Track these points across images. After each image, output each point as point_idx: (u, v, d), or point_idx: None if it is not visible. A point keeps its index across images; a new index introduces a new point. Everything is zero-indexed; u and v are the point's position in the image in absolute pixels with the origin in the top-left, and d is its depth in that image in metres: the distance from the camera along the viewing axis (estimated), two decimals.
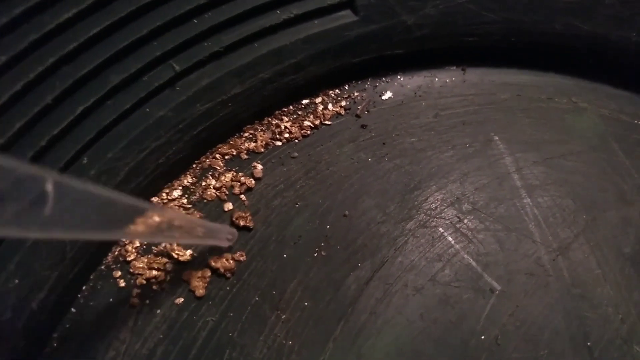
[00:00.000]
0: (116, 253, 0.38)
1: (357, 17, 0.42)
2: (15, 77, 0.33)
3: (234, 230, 0.37)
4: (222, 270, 0.37)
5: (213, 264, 0.37)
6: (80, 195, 0.22)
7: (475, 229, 0.39)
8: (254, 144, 0.42)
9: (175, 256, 0.37)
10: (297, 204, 0.40)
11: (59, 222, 0.20)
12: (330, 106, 0.44)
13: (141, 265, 0.37)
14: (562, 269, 0.37)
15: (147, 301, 0.36)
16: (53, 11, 0.34)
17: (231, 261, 0.37)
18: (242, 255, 0.37)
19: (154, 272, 0.37)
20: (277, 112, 0.44)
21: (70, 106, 0.35)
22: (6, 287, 0.32)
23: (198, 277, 0.36)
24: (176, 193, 0.40)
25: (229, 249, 0.38)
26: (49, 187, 0.19)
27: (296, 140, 0.43)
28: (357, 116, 0.44)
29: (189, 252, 0.38)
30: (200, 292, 0.36)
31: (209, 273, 0.37)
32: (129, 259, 0.37)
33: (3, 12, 0.32)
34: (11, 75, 0.33)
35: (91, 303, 0.36)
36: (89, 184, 0.22)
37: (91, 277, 0.37)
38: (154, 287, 0.37)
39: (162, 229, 0.29)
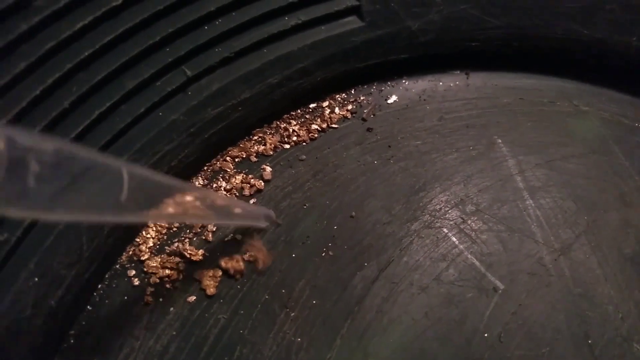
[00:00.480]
0: (130, 253, 0.39)
1: (363, 23, 0.43)
2: (33, 83, 0.34)
3: (271, 212, 0.38)
4: (232, 271, 0.38)
5: (224, 264, 0.38)
6: (137, 180, 0.23)
7: (478, 229, 0.40)
8: (263, 147, 0.43)
9: (188, 256, 0.38)
10: (305, 206, 0.41)
11: (126, 206, 0.22)
12: (337, 110, 0.45)
13: (155, 265, 0.38)
14: (563, 269, 0.38)
15: (161, 299, 0.37)
16: (69, 19, 0.35)
17: (241, 263, 0.38)
18: (251, 256, 0.38)
19: (167, 272, 0.38)
20: (286, 115, 0.45)
21: (87, 110, 0.36)
22: (26, 285, 0.33)
23: (209, 277, 0.38)
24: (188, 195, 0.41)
25: (266, 230, 0.39)
26: (125, 174, 0.21)
27: (304, 143, 0.44)
28: (363, 119, 0.45)
29: (200, 251, 0.39)
30: (211, 290, 0.37)
31: (219, 273, 0.38)
32: (142, 258, 0.38)
33: (22, 20, 0.33)
34: (30, 80, 0.34)
35: (106, 301, 0.37)
36: (138, 167, 0.23)
37: (106, 276, 0.38)
38: (167, 285, 0.38)
39: (202, 209, 0.30)
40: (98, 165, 0.20)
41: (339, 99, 0.46)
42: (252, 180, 0.42)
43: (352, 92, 0.46)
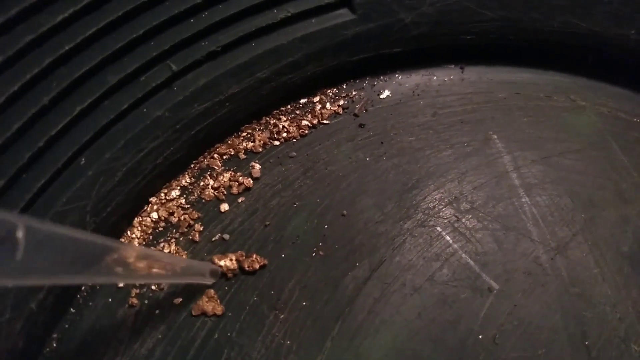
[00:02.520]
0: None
1: (355, 15, 0.42)
2: (11, 78, 0.33)
3: (217, 268, 0.36)
4: (224, 269, 0.37)
5: (216, 260, 0.37)
6: (51, 238, 0.21)
7: (473, 228, 0.39)
8: (252, 144, 0.42)
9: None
10: (295, 204, 0.40)
11: (31, 268, 0.20)
12: (328, 105, 0.44)
13: (141, 266, 0.37)
14: (560, 268, 0.37)
15: (146, 301, 0.36)
16: (49, 11, 0.34)
17: (234, 262, 0.37)
18: (242, 255, 0.37)
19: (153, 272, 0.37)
20: (275, 111, 0.44)
21: (68, 107, 0.35)
22: (5, 287, 0.32)
23: (207, 301, 0.36)
24: (174, 193, 0.40)
25: (212, 286, 0.37)
26: (20, 233, 0.19)
27: (294, 140, 0.43)
28: (355, 115, 0.44)
29: (186, 252, 0.38)
30: (218, 309, 0.36)
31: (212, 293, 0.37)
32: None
33: None
34: (8, 76, 0.33)
35: (90, 303, 0.36)
36: (58, 226, 0.22)
37: None
38: (153, 287, 0.37)
39: (141, 270, 0.28)
40: None
41: (330, 94, 0.45)
42: (240, 178, 0.41)
43: (344, 87, 0.45)
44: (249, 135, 0.43)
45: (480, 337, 0.35)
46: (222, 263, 0.36)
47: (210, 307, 0.36)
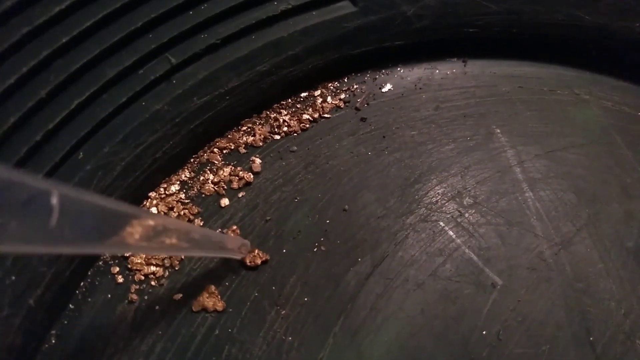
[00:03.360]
0: None
1: (356, 7, 0.41)
2: (8, 71, 0.32)
3: (247, 242, 0.36)
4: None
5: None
6: (84, 207, 0.21)
7: (476, 223, 0.38)
8: (252, 138, 0.42)
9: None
10: (296, 199, 0.39)
11: (63, 235, 0.19)
12: (329, 99, 0.44)
13: (139, 261, 0.37)
14: (564, 264, 0.37)
15: (146, 297, 0.36)
16: (45, 3, 0.33)
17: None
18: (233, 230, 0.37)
19: (153, 268, 0.36)
20: (276, 105, 0.43)
21: (65, 100, 0.34)
22: (3, 283, 0.32)
23: (207, 296, 0.36)
24: (174, 188, 0.40)
25: (243, 261, 0.37)
26: (54, 199, 0.18)
27: (295, 134, 0.42)
28: (357, 109, 0.43)
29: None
30: (219, 305, 0.36)
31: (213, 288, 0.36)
32: (127, 254, 0.37)
33: None
34: (4, 69, 0.32)
35: (89, 299, 0.36)
36: (92, 194, 0.21)
37: (89, 273, 0.37)
38: (153, 283, 0.36)
39: (173, 242, 0.28)
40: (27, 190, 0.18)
41: (332, 87, 0.44)
42: (240, 172, 0.40)
43: (345, 80, 0.45)
44: (249, 130, 0.42)
45: (484, 332, 0.35)
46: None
47: (211, 302, 0.35)
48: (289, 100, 0.44)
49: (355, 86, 0.45)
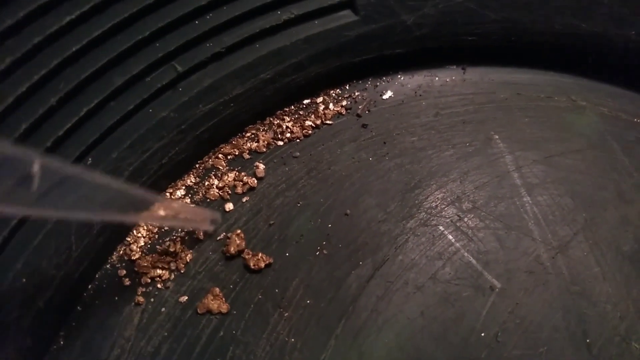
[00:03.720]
0: (121, 252, 0.38)
1: (357, 16, 0.42)
2: (19, 79, 0.33)
3: (218, 215, 0.38)
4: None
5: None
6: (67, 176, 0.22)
7: (475, 227, 0.39)
8: (256, 144, 0.42)
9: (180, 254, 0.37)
10: (298, 203, 0.40)
11: (47, 202, 0.21)
12: (331, 106, 0.45)
13: (146, 264, 0.37)
14: (561, 267, 0.38)
15: (152, 299, 0.37)
16: (56, 13, 0.34)
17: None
18: (248, 253, 0.38)
19: (159, 271, 0.37)
20: (279, 112, 0.44)
21: (74, 107, 0.35)
22: (13, 286, 0.32)
23: (212, 299, 0.37)
24: (179, 193, 0.40)
25: (213, 233, 0.38)
26: (36, 167, 0.20)
27: (298, 140, 0.43)
28: (358, 116, 0.44)
29: (191, 251, 0.38)
30: (224, 307, 0.36)
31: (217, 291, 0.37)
32: (133, 258, 0.38)
33: (7, 14, 0.32)
34: (16, 77, 0.33)
35: (97, 302, 0.37)
36: (75, 167, 0.23)
37: (97, 276, 0.38)
38: (159, 285, 0.37)
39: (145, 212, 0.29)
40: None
41: (333, 94, 0.45)
42: (244, 177, 0.41)
43: (347, 87, 0.46)
44: (253, 136, 0.43)
45: (483, 335, 0.35)
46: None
47: (216, 305, 0.36)
48: (292, 107, 0.44)
49: (356, 93, 0.45)
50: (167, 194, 0.40)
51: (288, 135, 0.43)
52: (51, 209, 0.22)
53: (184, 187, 0.41)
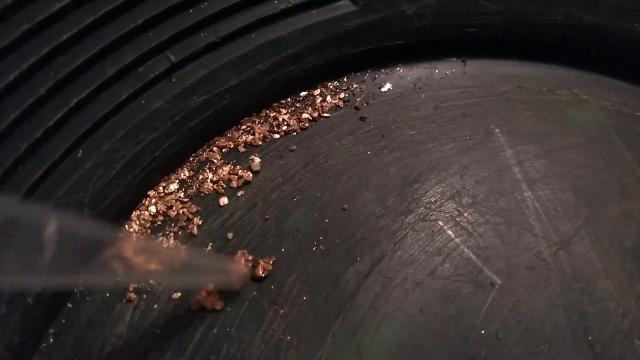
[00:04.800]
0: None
1: (356, 7, 0.41)
2: (8, 68, 0.32)
3: (245, 272, 0.35)
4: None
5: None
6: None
7: (475, 222, 0.39)
8: (251, 137, 0.42)
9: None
10: (295, 198, 0.39)
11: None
12: (328, 98, 0.44)
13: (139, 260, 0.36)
14: (563, 263, 0.37)
15: (144, 296, 0.36)
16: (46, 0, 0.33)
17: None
18: (243, 254, 0.37)
19: (152, 267, 0.36)
20: (275, 104, 0.43)
21: (65, 98, 0.34)
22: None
23: (206, 295, 0.36)
24: (173, 186, 0.40)
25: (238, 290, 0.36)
26: (52, 228, 0.17)
27: (294, 133, 0.42)
28: (356, 108, 0.43)
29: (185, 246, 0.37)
30: (218, 304, 0.35)
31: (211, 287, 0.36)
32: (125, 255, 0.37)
33: None
34: (4, 65, 0.32)
35: (87, 298, 0.36)
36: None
37: None
38: (151, 281, 0.36)
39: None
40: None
41: (331, 86, 0.44)
42: (240, 171, 0.40)
43: (345, 79, 0.45)
44: (248, 128, 0.42)
45: (483, 332, 0.35)
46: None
47: (210, 301, 0.35)
48: (289, 99, 0.44)
49: (354, 85, 0.45)
50: (161, 187, 0.39)
51: (284, 128, 0.42)
52: None
53: (177, 181, 0.40)
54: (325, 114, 0.43)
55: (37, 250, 0.17)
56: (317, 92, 0.44)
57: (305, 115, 0.43)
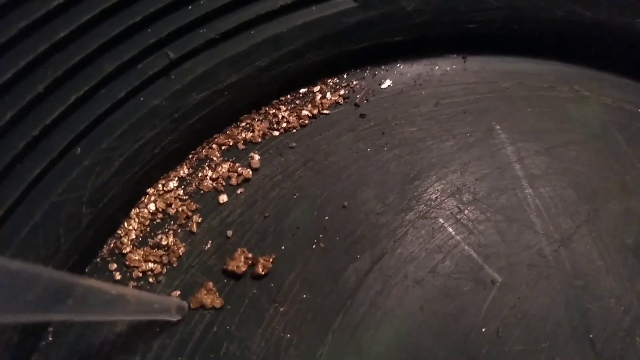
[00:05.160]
0: (111, 245, 0.37)
1: (356, 3, 0.41)
2: (5, 66, 0.32)
3: (184, 304, 0.35)
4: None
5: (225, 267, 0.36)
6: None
7: (476, 219, 0.38)
8: (251, 134, 0.41)
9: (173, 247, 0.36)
10: (295, 195, 0.39)
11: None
12: (328, 95, 0.43)
13: (137, 258, 0.36)
14: (563, 260, 0.37)
15: None
16: None
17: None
18: (243, 252, 0.37)
19: (150, 265, 0.36)
20: (275, 101, 0.43)
21: (63, 95, 0.34)
22: None
23: (205, 293, 0.36)
24: (172, 184, 0.39)
25: (178, 323, 0.35)
26: None
27: (294, 130, 0.42)
28: (356, 105, 0.43)
29: (184, 244, 0.37)
30: (217, 302, 0.35)
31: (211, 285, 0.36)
32: (124, 251, 0.37)
33: None
34: (1, 63, 0.32)
35: None
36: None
37: (86, 270, 0.37)
38: (150, 280, 0.36)
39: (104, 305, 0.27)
40: None
41: (331, 83, 0.44)
42: (239, 168, 0.40)
43: (345, 76, 0.45)
44: (248, 126, 0.42)
45: (483, 330, 0.34)
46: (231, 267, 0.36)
47: (209, 299, 0.35)
48: (288, 96, 0.43)
49: (354, 82, 0.44)
50: (160, 185, 0.39)
51: (284, 125, 0.42)
52: None
53: (176, 178, 0.40)
54: (325, 111, 0.43)
55: None
56: (316, 89, 0.44)
57: (304, 112, 0.42)
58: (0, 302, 0.19)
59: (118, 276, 0.36)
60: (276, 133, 0.42)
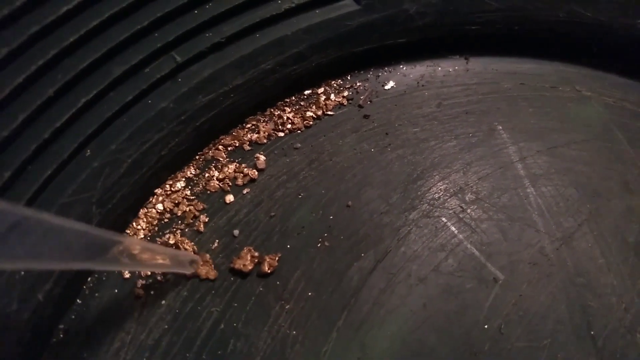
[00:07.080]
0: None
1: (359, 6, 0.42)
2: (17, 70, 0.33)
3: (197, 258, 0.37)
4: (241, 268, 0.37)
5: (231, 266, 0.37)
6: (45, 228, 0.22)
7: (478, 218, 0.39)
8: (256, 135, 0.42)
9: (180, 248, 0.37)
10: (300, 195, 0.40)
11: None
12: (332, 96, 0.44)
13: (146, 257, 0.37)
14: (565, 259, 0.37)
15: (152, 292, 0.36)
16: (53, 3, 0.34)
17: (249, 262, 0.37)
18: (250, 251, 0.37)
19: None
20: (280, 102, 0.44)
21: (73, 98, 0.35)
22: (12, 278, 0.32)
23: (201, 264, 0.36)
24: (179, 185, 0.40)
25: (193, 276, 0.37)
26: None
27: (299, 131, 0.43)
28: (360, 106, 0.44)
29: (192, 243, 0.38)
30: (212, 273, 0.36)
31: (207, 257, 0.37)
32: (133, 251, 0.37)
33: (3, 4, 0.32)
34: (13, 68, 0.33)
35: (96, 294, 0.36)
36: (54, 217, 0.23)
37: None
38: (159, 278, 0.37)
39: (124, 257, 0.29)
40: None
41: (335, 85, 0.45)
42: (245, 169, 0.41)
43: (348, 78, 0.45)
44: (253, 127, 0.43)
45: (486, 327, 0.35)
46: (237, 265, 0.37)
47: (204, 271, 0.36)
48: (293, 97, 0.44)
49: (358, 84, 0.45)
50: (167, 185, 0.40)
51: (289, 126, 0.43)
52: None
53: (184, 179, 0.40)
54: (329, 112, 0.43)
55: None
56: (321, 90, 0.44)
57: (309, 114, 0.43)
58: (51, 252, 0.22)
59: (127, 274, 0.37)
60: (281, 134, 0.42)
